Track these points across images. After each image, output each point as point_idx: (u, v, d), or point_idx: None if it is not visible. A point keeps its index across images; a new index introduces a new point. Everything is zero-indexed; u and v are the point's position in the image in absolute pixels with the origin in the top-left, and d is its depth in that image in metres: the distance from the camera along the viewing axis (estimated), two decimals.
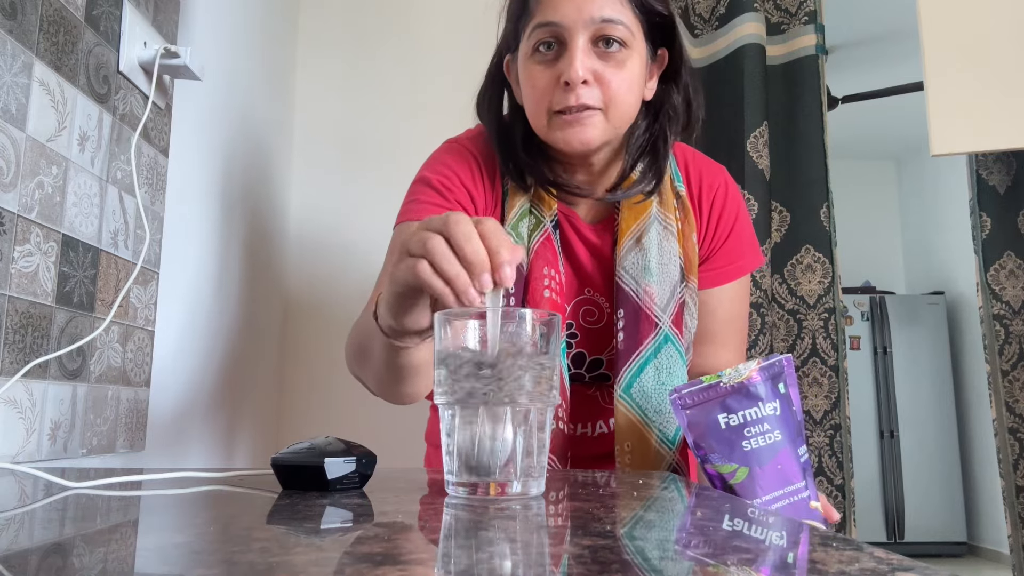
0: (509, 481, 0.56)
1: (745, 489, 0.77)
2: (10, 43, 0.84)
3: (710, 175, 1.04)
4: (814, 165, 1.67)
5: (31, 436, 0.88)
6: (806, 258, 1.66)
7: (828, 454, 1.61)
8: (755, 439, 0.77)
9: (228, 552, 0.37)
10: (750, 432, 0.77)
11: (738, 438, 0.77)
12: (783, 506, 0.77)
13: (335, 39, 1.84)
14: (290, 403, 1.72)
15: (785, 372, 0.81)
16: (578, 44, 0.87)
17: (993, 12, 1.54)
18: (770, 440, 0.77)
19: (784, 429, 0.78)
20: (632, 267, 0.96)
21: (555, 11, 0.88)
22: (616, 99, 0.89)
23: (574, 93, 0.87)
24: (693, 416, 0.80)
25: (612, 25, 0.88)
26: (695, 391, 0.81)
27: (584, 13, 0.87)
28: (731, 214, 1.03)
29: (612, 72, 0.89)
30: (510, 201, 0.97)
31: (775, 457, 0.77)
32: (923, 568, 0.32)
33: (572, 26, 0.87)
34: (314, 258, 1.77)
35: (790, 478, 0.78)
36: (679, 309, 0.96)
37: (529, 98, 0.92)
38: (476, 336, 0.58)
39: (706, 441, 0.80)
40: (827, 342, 1.63)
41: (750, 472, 0.77)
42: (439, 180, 0.96)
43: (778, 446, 0.78)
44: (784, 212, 1.68)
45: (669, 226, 0.98)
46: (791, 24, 1.74)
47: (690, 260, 0.98)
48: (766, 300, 1.64)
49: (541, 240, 0.95)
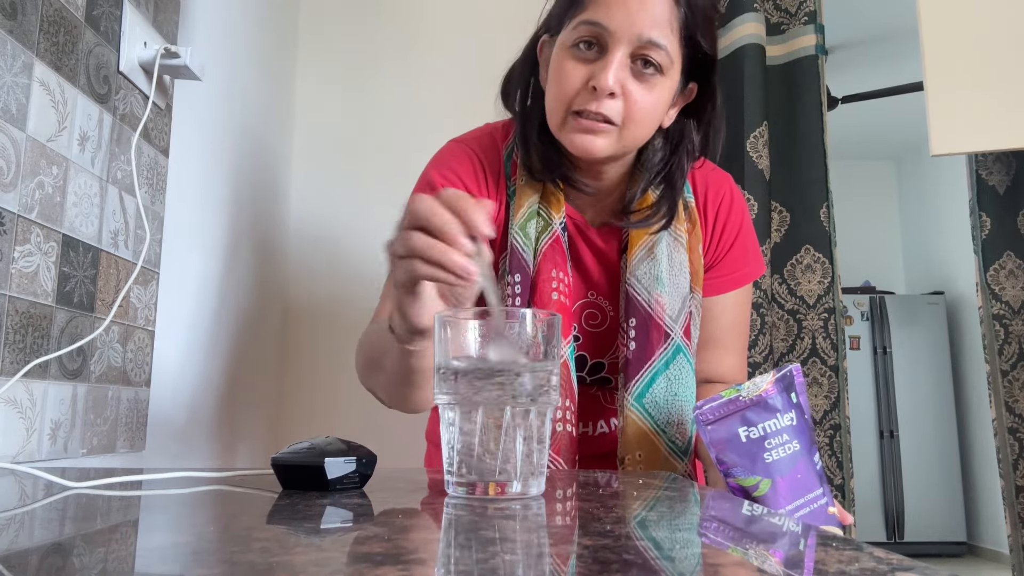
0: (509, 481, 0.56)
1: (768, 501, 0.78)
2: (10, 43, 0.84)
3: (716, 183, 1.04)
4: (814, 165, 1.67)
5: (31, 436, 0.88)
6: (806, 258, 1.66)
7: (828, 454, 1.61)
8: (775, 450, 0.78)
9: (228, 552, 0.37)
10: (770, 444, 0.78)
11: (759, 450, 0.78)
12: (804, 514, 0.78)
13: (335, 39, 1.84)
14: (290, 403, 1.72)
15: (796, 381, 0.82)
16: (617, 54, 0.86)
17: (993, 12, 1.54)
18: (789, 451, 0.79)
19: (800, 438, 0.79)
20: (644, 277, 0.95)
21: (607, 14, 0.86)
22: (635, 118, 0.88)
23: (598, 100, 0.86)
24: (715, 431, 0.81)
25: (655, 49, 0.86)
26: (716, 406, 0.81)
27: (635, 26, 0.85)
28: (736, 223, 1.03)
29: (640, 92, 0.87)
30: (518, 201, 0.96)
31: (795, 467, 0.78)
32: (923, 568, 0.32)
33: (618, 34, 0.85)
34: (314, 258, 1.77)
35: (809, 486, 0.79)
36: (688, 320, 0.96)
37: (553, 89, 0.91)
38: (475, 336, 0.58)
39: (728, 455, 0.80)
40: (827, 342, 1.63)
41: (773, 483, 0.78)
42: (442, 183, 0.96)
43: (797, 456, 0.79)
44: (784, 212, 1.68)
45: (679, 237, 0.98)
46: (791, 24, 1.74)
47: (696, 271, 0.99)
48: (766, 300, 1.64)
49: (550, 242, 0.95)
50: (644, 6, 0.85)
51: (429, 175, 0.98)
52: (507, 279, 0.94)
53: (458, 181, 0.96)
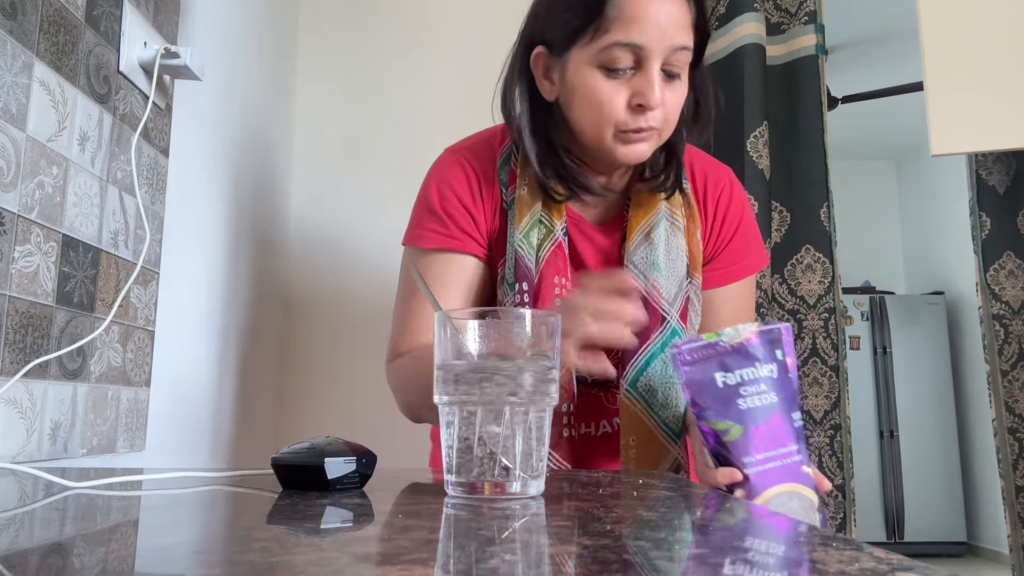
0: (508, 481, 0.56)
1: (738, 447, 0.78)
2: (10, 43, 0.84)
3: (715, 175, 1.05)
4: (814, 165, 1.67)
5: (31, 436, 0.88)
6: (806, 258, 1.65)
7: (828, 454, 1.61)
8: (751, 399, 0.78)
9: (228, 552, 0.37)
10: (746, 392, 0.78)
11: (734, 396, 0.78)
12: (775, 467, 0.78)
13: (335, 39, 1.84)
14: (290, 403, 1.72)
15: (783, 339, 0.82)
16: (655, 69, 0.88)
17: (993, 12, 1.54)
18: (765, 401, 0.78)
19: (780, 392, 0.79)
20: (641, 262, 0.97)
21: (641, 32, 0.86)
22: (671, 120, 0.92)
23: (645, 116, 0.89)
24: (691, 373, 0.81)
25: (684, 52, 0.89)
26: (695, 348, 0.81)
27: (667, 39, 0.87)
28: (736, 214, 1.04)
29: (673, 96, 0.91)
30: (519, 209, 0.98)
31: (769, 418, 0.78)
32: (923, 568, 0.32)
33: (653, 49, 0.87)
34: (315, 257, 1.77)
35: (783, 440, 0.78)
36: (685, 304, 0.97)
37: (591, 111, 0.91)
38: (475, 336, 0.58)
39: (702, 398, 0.81)
40: (827, 342, 1.63)
41: (744, 430, 0.78)
42: (440, 205, 0.99)
43: (773, 408, 0.78)
44: (784, 212, 1.68)
45: (677, 222, 0.99)
46: (791, 24, 1.74)
47: (695, 257, 1.00)
48: (766, 300, 1.64)
49: (552, 249, 0.97)
50: (671, 16, 0.87)
51: (428, 194, 1.01)
52: (513, 287, 0.96)
53: (453, 198, 0.99)
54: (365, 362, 1.65)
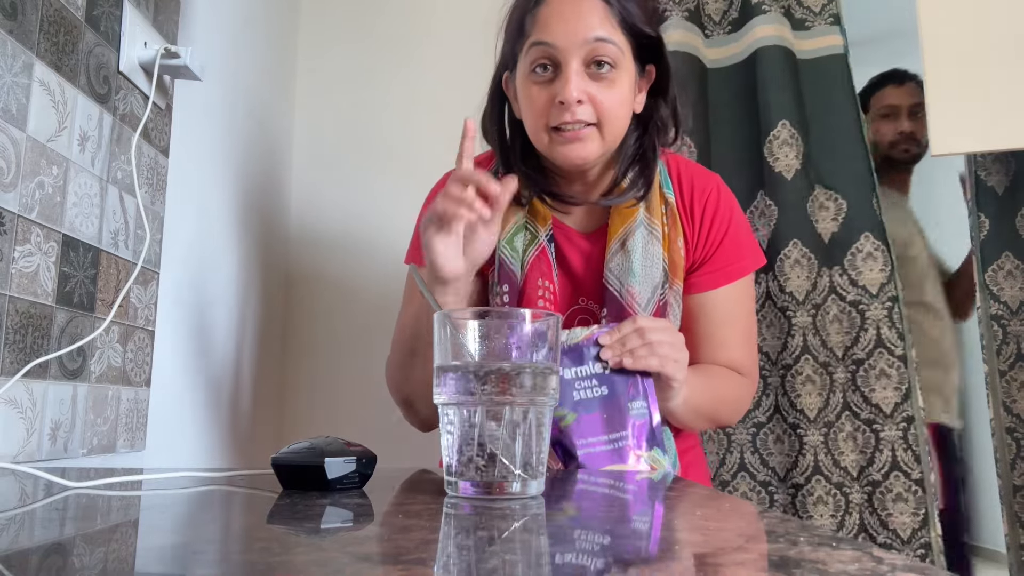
0: (508, 481, 0.56)
1: (572, 431, 0.87)
2: (10, 43, 0.84)
3: (702, 182, 1.08)
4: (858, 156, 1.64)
5: (31, 436, 0.88)
6: (866, 246, 1.61)
7: (903, 448, 1.54)
8: (583, 391, 0.88)
9: (228, 552, 0.38)
10: (579, 385, 0.89)
11: (569, 389, 0.88)
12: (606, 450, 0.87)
13: (336, 39, 1.84)
14: (290, 403, 1.72)
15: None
16: (572, 67, 0.93)
17: (993, 12, 1.55)
18: (596, 394, 0.88)
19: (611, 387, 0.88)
20: (617, 268, 1.00)
21: (549, 32, 0.94)
22: (608, 116, 0.95)
23: (569, 111, 0.93)
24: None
25: (604, 44, 0.93)
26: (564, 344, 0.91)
27: (578, 35, 0.93)
28: (724, 219, 1.06)
29: (604, 92, 0.94)
30: (505, 218, 1.02)
31: (600, 408, 0.88)
32: (923, 568, 0.32)
33: (566, 47, 0.93)
34: (315, 258, 1.77)
35: (615, 428, 0.87)
36: (658, 309, 1.00)
37: (528, 116, 0.98)
38: (475, 336, 0.58)
39: None
40: (892, 331, 1.56)
41: (577, 417, 0.87)
42: None
43: (604, 400, 0.88)
44: (840, 200, 1.63)
45: (654, 231, 1.02)
46: (815, 22, 1.76)
47: (675, 264, 1.02)
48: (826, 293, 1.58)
49: (536, 253, 1.01)
50: (580, 15, 0.93)
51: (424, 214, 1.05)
52: (496, 290, 1.01)
53: None
54: (365, 362, 1.65)
